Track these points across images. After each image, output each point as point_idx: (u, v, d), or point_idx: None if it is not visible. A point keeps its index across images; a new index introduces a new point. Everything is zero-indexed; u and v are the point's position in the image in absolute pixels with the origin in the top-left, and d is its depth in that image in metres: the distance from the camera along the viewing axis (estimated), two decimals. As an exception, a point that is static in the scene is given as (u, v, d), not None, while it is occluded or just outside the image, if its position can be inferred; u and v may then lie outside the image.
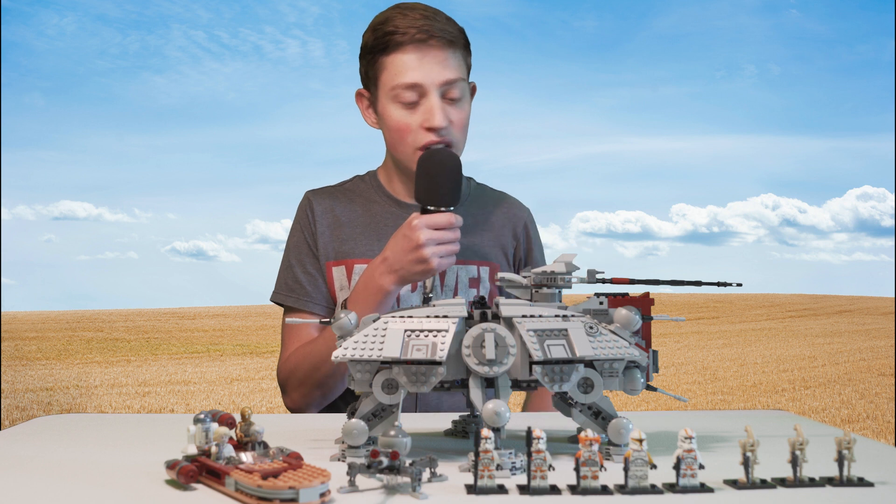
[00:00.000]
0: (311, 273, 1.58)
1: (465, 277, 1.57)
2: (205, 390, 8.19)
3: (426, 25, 1.45)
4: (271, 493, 0.73)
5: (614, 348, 0.94)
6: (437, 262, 1.35)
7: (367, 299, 1.40)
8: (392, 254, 1.38)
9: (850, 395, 7.68)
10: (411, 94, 1.45)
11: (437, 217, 1.36)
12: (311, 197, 1.63)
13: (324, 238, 1.59)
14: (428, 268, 1.36)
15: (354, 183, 1.66)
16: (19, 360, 10.79)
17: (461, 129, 1.49)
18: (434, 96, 1.45)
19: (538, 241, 1.70)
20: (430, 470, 0.84)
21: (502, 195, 1.70)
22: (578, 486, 0.78)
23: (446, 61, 1.46)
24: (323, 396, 1.50)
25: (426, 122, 1.45)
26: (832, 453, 0.83)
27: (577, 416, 0.97)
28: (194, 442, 0.84)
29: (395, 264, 1.38)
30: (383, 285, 1.39)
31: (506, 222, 1.64)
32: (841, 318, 17.54)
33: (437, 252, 1.35)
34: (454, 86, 1.46)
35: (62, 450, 1.01)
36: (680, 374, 9.15)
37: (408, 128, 1.47)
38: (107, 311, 20.51)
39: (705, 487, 0.79)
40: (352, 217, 1.60)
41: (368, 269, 1.43)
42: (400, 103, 1.47)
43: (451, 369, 0.94)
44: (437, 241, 1.35)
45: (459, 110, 1.48)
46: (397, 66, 1.46)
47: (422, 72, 1.44)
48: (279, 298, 1.60)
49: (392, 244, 1.39)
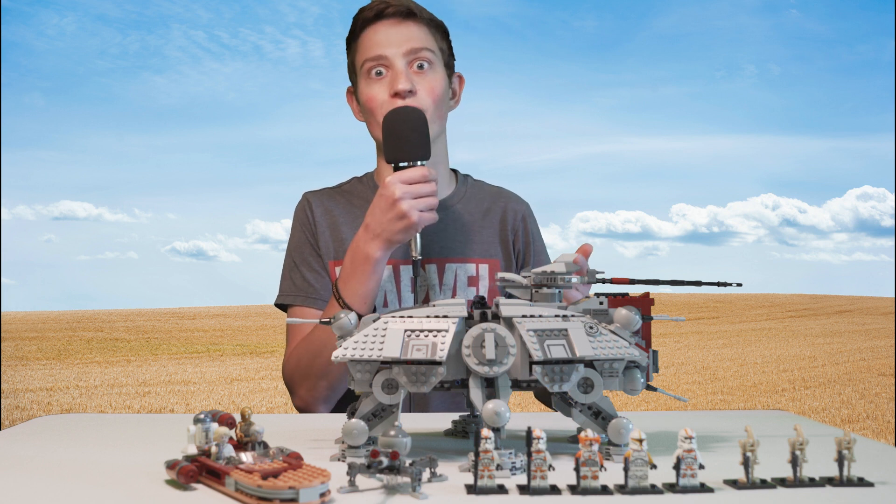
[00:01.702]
0: (317, 270, 1.58)
1: (463, 276, 1.57)
2: (205, 390, 8.19)
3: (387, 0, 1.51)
4: (271, 493, 0.73)
5: (614, 348, 0.94)
6: (416, 215, 1.34)
7: (355, 272, 1.40)
8: (371, 218, 1.37)
9: (850, 395, 7.68)
10: (377, 66, 1.49)
11: (409, 171, 1.35)
12: (310, 198, 1.64)
13: (324, 237, 1.59)
14: (409, 223, 1.34)
15: (352, 185, 1.67)
16: (19, 360, 10.79)
17: (432, 97, 1.49)
18: (398, 63, 1.48)
19: (538, 234, 1.69)
20: (430, 470, 0.84)
21: (499, 190, 1.70)
22: (578, 486, 0.78)
23: (409, 30, 1.50)
24: (329, 389, 1.48)
25: (391, 88, 1.47)
26: (832, 453, 0.83)
27: (577, 416, 0.97)
28: (194, 442, 0.84)
29: (376, 228, 1.37)
30: (370, 253, 1.38)
31: (504, 216, 1.64)
32: (841, 318, 17.54)
33: (416, 205, 1.34)
34: (419, 53, 1.49)
35: (62, 450, 1.01)
36: (680, 374, 9.16)
37: (375, 98, 1.49)
38: (107, 311, 20.51)
39: (705, 487, 0.79)
40: (350, 218, 1.61)
41: (353, 242, 1.42)
42: (369, 77, 1.50)
43: (451, 369, 0.94)
44: (413, 194, 1.34)
45: (430, 78, 1.50)
46: (365, 43, 1.52)
47: (384, 40, 1.49)
48: (287, 300, 1.59)
49: (370, 210, 1.38)
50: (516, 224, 1.65)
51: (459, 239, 1.59)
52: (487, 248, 1.60)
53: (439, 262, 1.56)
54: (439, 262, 1.56)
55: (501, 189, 1.70)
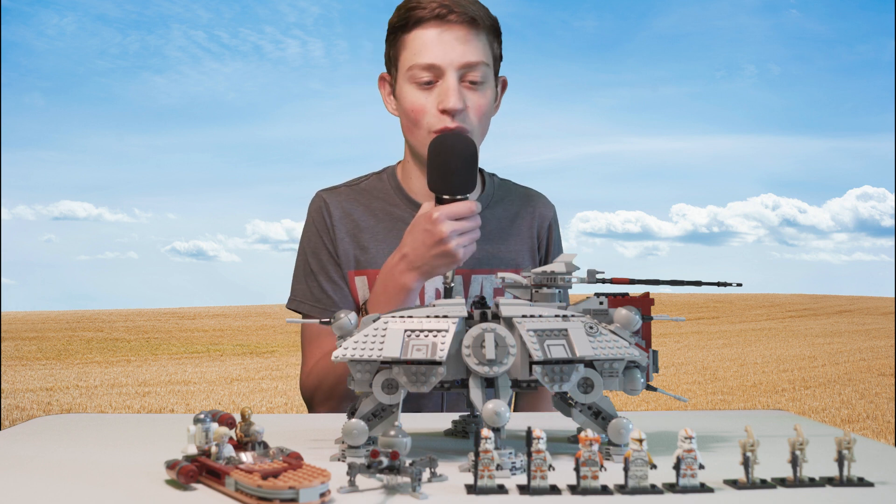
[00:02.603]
0: (337, 282, 1.51)
1: (489, 287, 1.51)
2: (205, 390, 8.19)
3: (448, 1, 1.40)
4: (271, 493, 0.73)
5: (614, 348, 0.93)
6: (462, 252, 1.29)
7: (388, 299, 1.34)
8: (412, 250, 1.31)
9: (850, 395, 7.68)
10: (428, 75, 1.40)
11: (457, 207, 1.29)
12: (327, 198, 1.55)
13: (344, 244, 1.51)
14: (453, 260, 1.29)
15: (371, 182, 1.58)
16: (19, 360, 10.79)
17: (479, 116, 1.41)
18: (451, 78, 1.39)
19: (559, 241, 1.63)
20: (430, 470, 0.84)
21: (528, 192, 1.63)
22: (578, 486, 0.78)
23: (467, 42, 1.40)
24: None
25: (441, 103, 1.39)
26: (832, 453, 0.83)
27: (577, 416, 0.97)
28: (194, 442, 0.84)
29: (416, 260, 1.31)
30: (406, 283, 1.32)
31: (532, 223, 1.58)
32: (841, 318, 17.54)
33: (461, 243, 1.29)
34: (475, 69, 1.40)
35: (62, 450, 1.01)
36: (680, 374, 9.15)
37: (422, 109, 1.41)
38: (107, 311, 20.51)
39: (705, 487, 0.79)
40: (371, 222, 1.53)
41: (386, 269, 1.36)
42: (416, 84, 1.41)
43: (451, 369, 0.93)
44: (459, 231, 1.28)
45: (480, 95, 1.41)
46: (416, 44, 1.41)
47: (440, 50, 1.39)
48: (303, 308, 1.52)
49: (410, 240, 1.32)
50: (542, 231, 1.60)
51: (487, 248, 1.52)
52: (514, 258, 1.55)
53: (465, 273, 1.51)
54: (465, 273, 1.51)
55: (529, 191, 1.64)
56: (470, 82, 1.40)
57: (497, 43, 1.47)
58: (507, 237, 1.55)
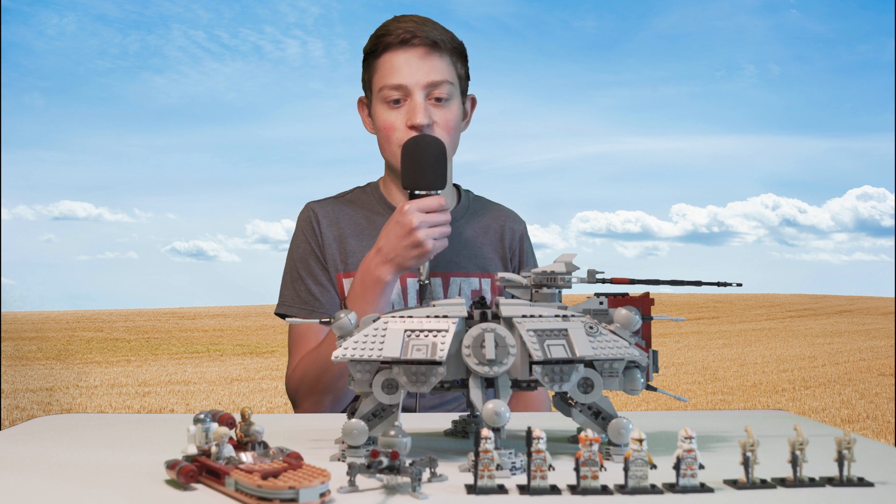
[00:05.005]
0: (324, 284, 1.58)
1: (467, 289, 1.58)
2: (205, 390, 8.19)
3: (412, 27, 1.51)
4: (271, 493, 0.73)
5: (614, 348, 0.94)
6: (431, 244, 1.37)
7: (365, 294, 1.41)
8: (385, 242, 1.39)
9: (850, 395, 7.68)
10: (397, 94, 1.50)
11: (426, 200, 1.38)
12: (315, 208, 1.64)
13: (331, 250, 1.60)
14: (423, 251, 1.37)
15: (355, 194, 1.68)
16: (19, 360, 10.79)
17: (447, 130, 1.51)
18: (418, 96, 1.49)
19: (532, 253, 1.72)
20: (430, 470, 0.84)
21: (500, 207, 1.73)
22: (578, 486, 0.78)
23: (431, 63, 1.50)
24: (334, 401, 1.50)
25: (409, 119, 1.48)
26: (832, 453, 0.83)
27: (577, 416, 0.97)
28: (194, 442, 0.84)
29: (389, 253, 1.39)
30: (381, 276, 1.40)
31: (503, 235, 1.67)
32: (841, 318, 17.54)
33: (431, 234, 1.37)
34: (439, 87, 1.50)
35: (62, 450, 1.01)
36: (680, 374, 9.15)
37: (392, 126, 1.51)
38: (107, 311, 20.51)
39: (705, 487, 0.79)
40: (357, 229, 1.61)
41: (364, 264, 1.43)
42: (387, 103, 1.51)
43: (451, 369, 0.94)
44: (429, 223, 1.37)
45: (446, 111, 1.51)
46: (385, 67, 1.51)
47: (406, 71, 1.49)
48: (290, 311, 1.59)
49: (384, 233, 1.40)
50: (514, 244, 1.68)
51: (464, 253, 1.61)
52: (487, 264, 1.63)
53: (444, 275, 1.58)
54: (444, 275, 1.58)
55: (501, 207, 1.73)
56: (436, 99, 1.50)
57: (461, 63, 1.57)
58: (480, 245, 1.64)
